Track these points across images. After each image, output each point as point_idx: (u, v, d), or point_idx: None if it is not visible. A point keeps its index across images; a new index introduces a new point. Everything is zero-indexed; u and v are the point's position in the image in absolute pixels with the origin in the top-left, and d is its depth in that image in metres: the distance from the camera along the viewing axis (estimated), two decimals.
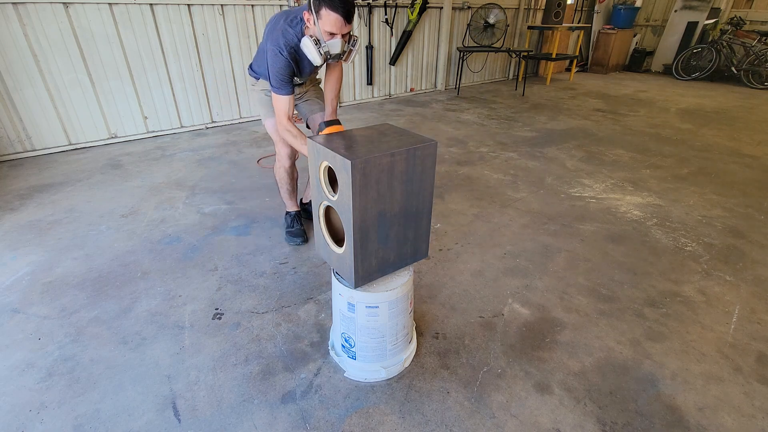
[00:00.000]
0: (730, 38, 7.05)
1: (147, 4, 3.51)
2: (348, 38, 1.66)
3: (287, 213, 2.29)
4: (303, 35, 1.67)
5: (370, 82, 5.40)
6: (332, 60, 1.72)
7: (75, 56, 3.33)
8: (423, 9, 5.40)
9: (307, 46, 1.62)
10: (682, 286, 1.90)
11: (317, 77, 2.20)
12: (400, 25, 5.42)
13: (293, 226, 2.25)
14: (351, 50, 1.71)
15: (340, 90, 2.07)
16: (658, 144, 3.90)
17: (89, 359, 1.47)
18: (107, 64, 3.49)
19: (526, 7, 7.01)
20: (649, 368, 1.47)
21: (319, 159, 1.16)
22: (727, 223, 2.47)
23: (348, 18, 1.55)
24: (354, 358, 1.40)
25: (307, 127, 2.19)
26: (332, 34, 1.59)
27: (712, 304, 1.80)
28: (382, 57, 5.43)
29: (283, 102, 1.76)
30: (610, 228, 2.38)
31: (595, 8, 7.96)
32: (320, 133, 1.46)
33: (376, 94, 5.62)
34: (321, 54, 1.63)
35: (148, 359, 1.47)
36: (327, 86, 2.02)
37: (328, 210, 1.29)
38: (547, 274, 1.98)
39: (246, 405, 1.31)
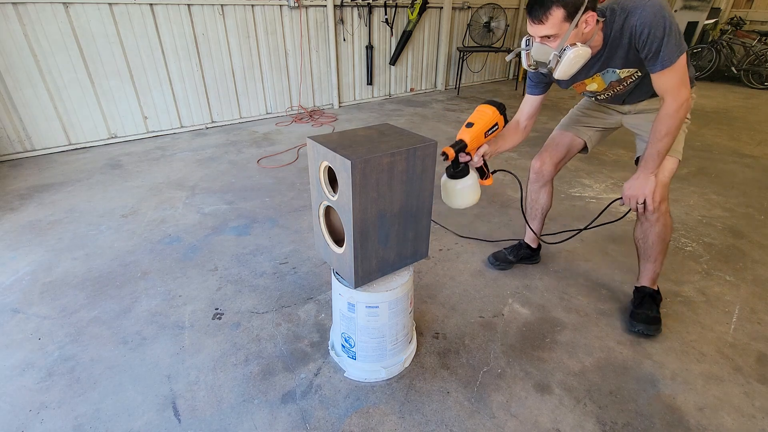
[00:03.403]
0: (730, 38, 7.05)
1: (147, 4, 3.51)
2: (559, 46, 1.25)
3: (521, 241, 2.04)
4: None
5: (370, 82, 5.40)
6: (543, 70, 1.36)
7: (75, 56, 3.33)
8: (423, 9, 5.40)
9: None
10: (682, 286, 1.90)
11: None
12: (400, 25, 5.42)
13: (506, 250, 2.02)
14: (558, 61, 1.27)
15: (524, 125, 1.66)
16: None
17: (89, 359, 1.47)
18: (107, 64, 3.49)
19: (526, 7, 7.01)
20: (649, 368, 1.47)
21: (319, 159, 1.16)
22: (727, 223, 2.47)
23: (532, 14, 1.23)
24: (354, 358, 1.40)
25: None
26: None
27: (712, 304, 1.80)
28: (382, 57, 5.44)
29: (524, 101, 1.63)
30: (610, 228, 2.38)
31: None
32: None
33: (376, 94, 5.62)
34: (526, 57, 1.36)
35: (148, 359, 1.47)
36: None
37: (328, 210, 1.29)
38: (547, 274, 1.98)
39: (246, 405, 1.31)
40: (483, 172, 1.49)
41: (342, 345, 1.42)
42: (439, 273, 1.98)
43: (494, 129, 1.38)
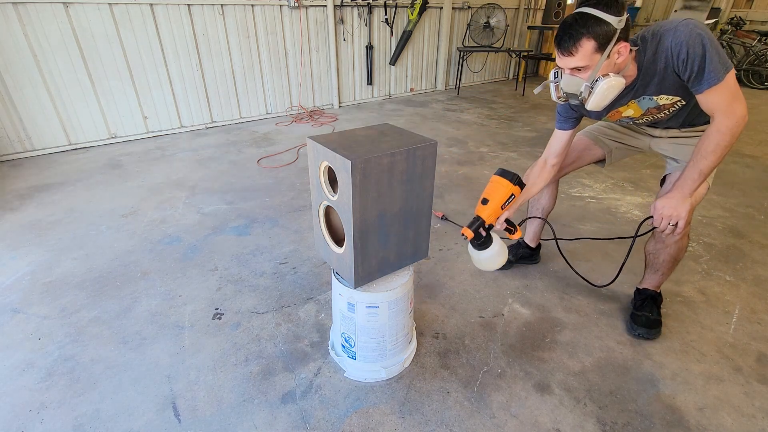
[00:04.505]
0: (730, 38, 7.05)
1: (147, 4, 3.51)
2: (590, 77, 1.20)
3: (520, 240, 2.03)
4: None
5: (370, 82, 5.40)
6: (574, 102, 1.30)
7: (75, 56, 3.33)
8: (423, 9, 5.40)
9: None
10: (682, 286, 1.90)
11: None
12: (400, 25, 5.42)
13: (511, 253, 1.95)
14: (591, 92, 1.22)
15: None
16: None
17: (89, 359, 1.47)
18: (107, 64, 3.49)
19: (526, 7, 7.01)
20: (649, 368, 1.47)
21: (319, 159, 1.16)
22: (727, 223, 2.47)
23: (561, 46, 1.19)
24: (354, 358, 1.40)
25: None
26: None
27: (712, 304, 1.79)
28: (382, 57, 5.44)
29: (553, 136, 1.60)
30: (610, 228, 2.38)
31: None
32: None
33: (376, 94, 5.62)
34: (555, 89, 1.32)
35: (148, 359, 1.47)
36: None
37: (328, 210, 1.29)
38: (547, 274, 1.98)
39: (246, 405, 1.31)
40: (509, 230, 1.48)
41: (342, 345, 1.42)
42: (439, 273, 1.98)
43: (510, 200, 1.39)
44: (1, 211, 2.48)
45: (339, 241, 1.29)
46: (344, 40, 4.94)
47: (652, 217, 1.38)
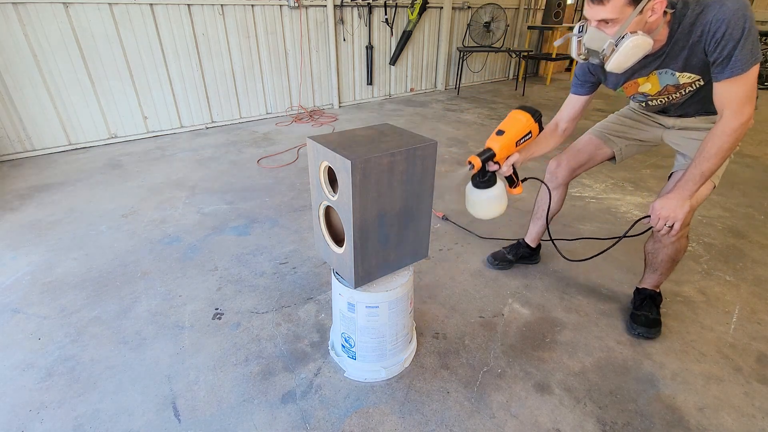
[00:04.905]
0: None
1: (147, 4, 3.51)
2: (617, 33, 1.12)
3: (520, 240, 2.02)
4: None
5: (370, 82, 5.40)
6: (594, 61, 1.22)
7: (75, 56, 3.33)
8: (423, 9, 5.40)
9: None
10: (682, 286, 1.90)
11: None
12: (400, 25, 5.42)
13: (505, 249, 2.02)
14: (614, 50, 1.14)
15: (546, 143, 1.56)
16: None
17: (89, 359, 1.47)
18: (107, 64, 3.49)
19: (526, 7, 7.01)
20: (649, 368, 1.47)
21: (319, 159, 1.16)
22: (727, 223, 2.47)
23: None
24: (354, 358, 1.40)
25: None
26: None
27: (712, 304, 1.79)
28: (382, 57, 5.44)
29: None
30: (610, 228, 2.38)
31: None
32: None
33: (376, 94, 5.62)
34: (577, 45, 1.24)
35: (148, 359, 1.47)
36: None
37: (328, 210, 1.29)
38: (547, 274, 1.98)
39: (246, 405, 1.31)
40: (512, 181, 1.39)
41: (342, 345, 1.42)
42: (439, 273, 1.98)
43: (527, 137, 1.28)
44: (1, 211, 2.48)
45: (339, 241, 1.29)
46: (344, 40, 4.94)
47: (648, 216, 1.36)
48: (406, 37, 5.42)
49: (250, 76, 4.35)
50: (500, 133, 1.27)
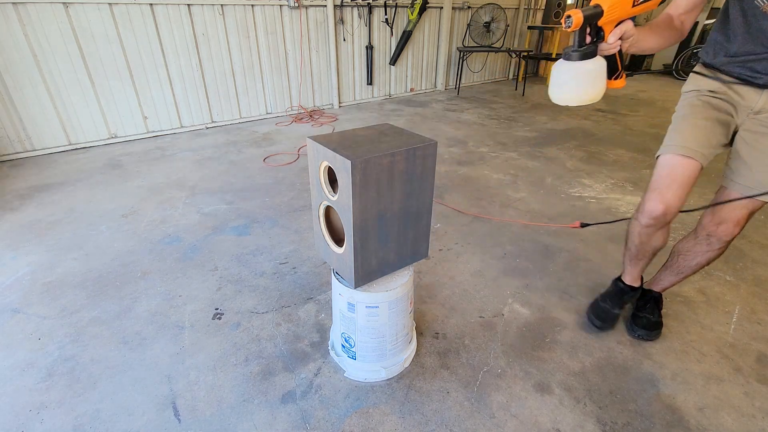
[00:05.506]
0: None
1: (147, 4, 3.51)
2: None
3: (616, 279, 1.64)
4: None
5: (370, 82, 5.40)
6: None
7: (75, 56, 3.33)
8: (423, 9, 5.40)
9: None
10: (682, 286, 1.90)
11: None
12: (400, 25, 5.43)
13: (606, 302, 1.61)
14: None
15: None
16: (659, 144, 3.89)
17: (89, 359, 1.47)
18: (107, 64, 3.49)
19: (526, 7, 7.01)
20: (649, 368, 1.47)
21: (319, 159, 1.16)
22: None
23: None
24: (354, 358, 1.40)
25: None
26: None
27: (712, 304, 1.79)
28: (382, 57, 5.44)
29: None
30: (611, 228, 2.38)
31: None
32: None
33: (376, 94, 5.62)
34: None
35: (148, 359, 1.47)
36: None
37: (328, 210, 1.29)
38: (547, 274, 1.98)
39: (246, 405, 1.31)
40: (614, 68, 1.06)
41: (342, 345, 1.42)
42: (439, 273, 1.98)
43: None
44: (1, 211, 2.48)
45: (339, 241, 1.29)
46: (344, 40, 4.94)
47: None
48: (406, 37, 5.43)
49: (250, 76, 4.36)
50: None
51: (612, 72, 1.06)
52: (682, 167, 1.27)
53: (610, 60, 1.04)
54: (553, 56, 6.52)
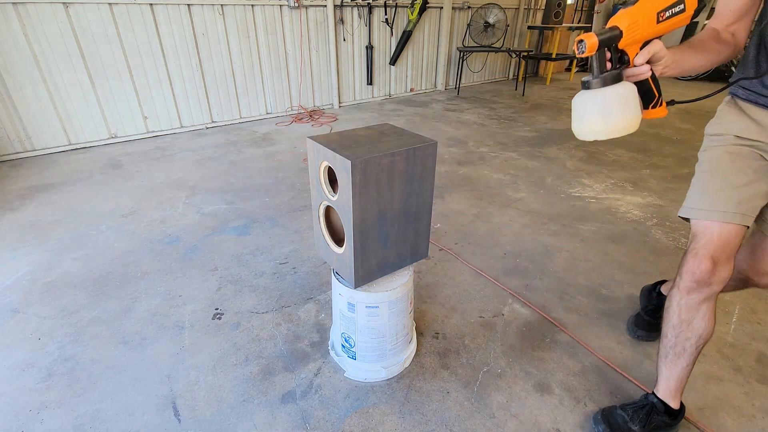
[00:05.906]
0: None
1: (147, 4, 3.51)
2: None
3: (652, 398, 1.20)
4: None
5: (370, 82, 5.40)
6: None
7: (75, 56, 3.33)
8: (423, 9, 5.40)
9: None
10: None
11: None
12: (400, 25, 5.43)
13: (637, 421, 1.17)
14: None
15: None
16: (659, 144, 3.90)
17: (89, 359, 1.47)
18: (107, 64, 3.49)
19: (526, 7, 7.01)
20: (649, 368, 1.47)
21: (319, 159, 1.16)
22: None
23: None
24: (354, 358, 1.40)
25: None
26: None
27: None
28: (382, 57, 5.44)
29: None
30: (610, 228, 2.38)
31: (595, 8, 7.95)
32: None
33: (376, 94, 5.62)
34: None
35: (148, 359, 1.47)
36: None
37: (328, 210, 1.29)
38: (547, 274, 1.98)
39: (246, 405, 1.31)
40: (649, 94, 0.92)
41: (342, 345, 1.42)
42: (439, 273, 1.98)
43: (677, 10, 0.81)
44: (1, 211, 2.48)
45: (339, 241, 1.29)
46: (344, 40, 4.94)
47: None
48: (406, 37, 5.43)
49: (250, 76, 4.36)
50: (629, 3, 0.87)
51: (648, 99, 0.93)
52: (734, 231, 1.05)
53: (643, 86, 0.91)
54: (553, 56, 6.53)
